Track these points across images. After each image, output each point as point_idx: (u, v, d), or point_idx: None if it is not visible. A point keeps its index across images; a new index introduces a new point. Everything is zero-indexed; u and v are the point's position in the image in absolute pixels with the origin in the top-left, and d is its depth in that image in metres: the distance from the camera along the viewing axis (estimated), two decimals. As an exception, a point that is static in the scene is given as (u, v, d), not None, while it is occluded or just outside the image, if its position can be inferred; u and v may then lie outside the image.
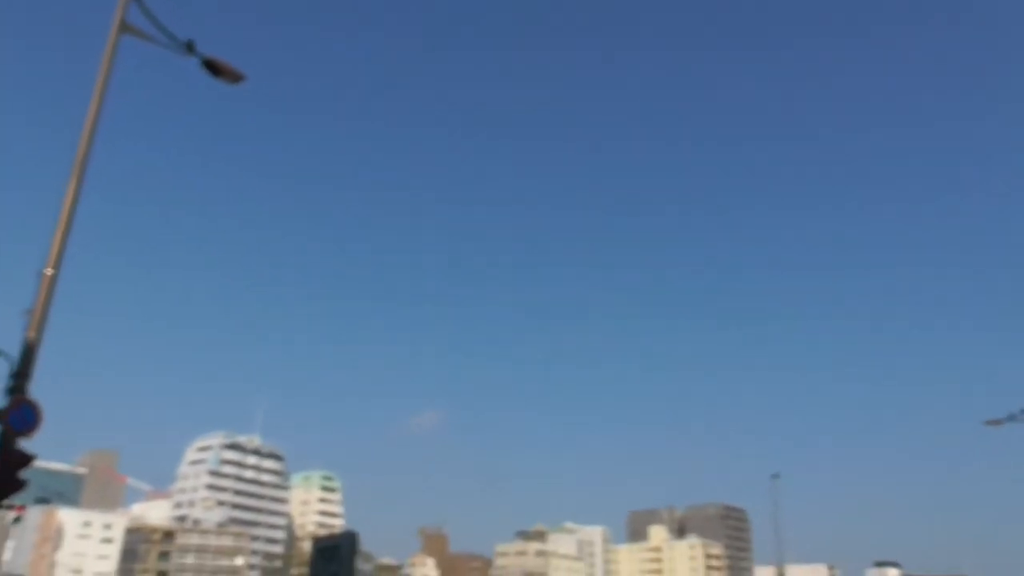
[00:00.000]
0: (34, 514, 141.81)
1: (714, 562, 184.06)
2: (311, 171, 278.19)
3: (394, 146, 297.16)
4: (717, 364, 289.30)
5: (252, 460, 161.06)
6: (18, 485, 11.46)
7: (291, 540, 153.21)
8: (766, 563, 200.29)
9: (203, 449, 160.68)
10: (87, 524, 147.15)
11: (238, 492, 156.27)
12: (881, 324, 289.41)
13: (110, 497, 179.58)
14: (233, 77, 16.39)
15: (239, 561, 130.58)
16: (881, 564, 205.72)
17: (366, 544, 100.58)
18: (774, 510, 57.01)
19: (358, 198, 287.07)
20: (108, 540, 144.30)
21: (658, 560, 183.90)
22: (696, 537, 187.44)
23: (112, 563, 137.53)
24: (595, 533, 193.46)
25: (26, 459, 11.72)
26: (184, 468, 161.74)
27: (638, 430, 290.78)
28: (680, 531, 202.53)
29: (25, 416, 12.29)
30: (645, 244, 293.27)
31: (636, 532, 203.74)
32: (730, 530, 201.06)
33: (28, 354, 12.89)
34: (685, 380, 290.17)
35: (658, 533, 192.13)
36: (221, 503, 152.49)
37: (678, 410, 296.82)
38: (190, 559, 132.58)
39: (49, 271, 13.23)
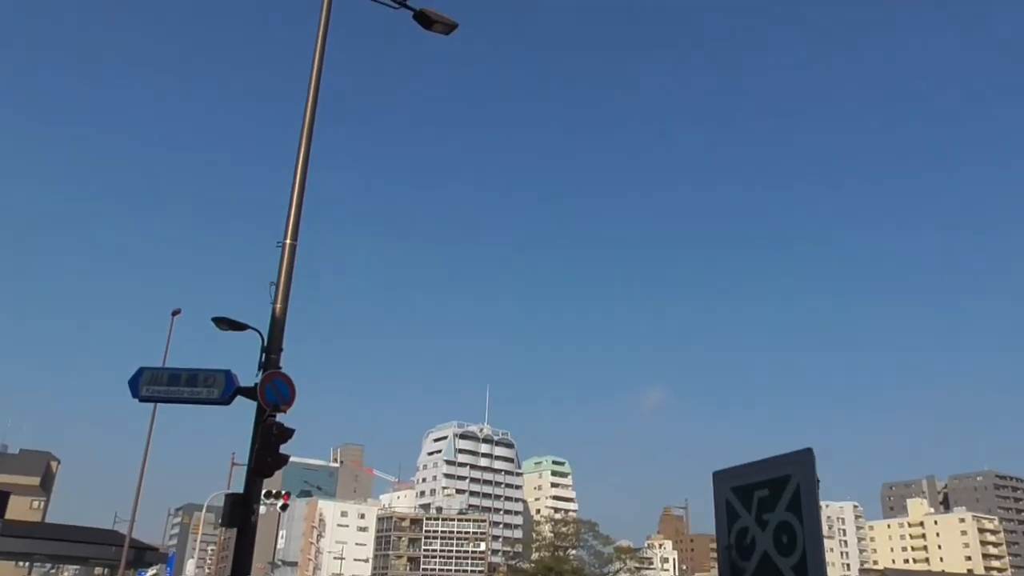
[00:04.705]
0: (299, 506, 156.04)
1: (990, 537, 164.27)
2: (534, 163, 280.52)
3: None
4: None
5: (484, 448, 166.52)
6: (282, 460, 10.37)
7: (528, 524, 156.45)
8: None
9: (439, 440, 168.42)
10: (344, 514, 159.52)
11: (474, 480, 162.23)
12: None
13: (361, 488, 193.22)
14: (446, 27, 15.16)
15: (482, 546, 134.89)
16: None
17: (603, 527, 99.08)
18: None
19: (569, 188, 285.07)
20: (363, 528, 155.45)
21: (921, 536, 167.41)
22: (964, 510, 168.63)
23: (369, 549, 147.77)
24: (846, 508, 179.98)
25: (286, 433, 10.66)
26: (423, 458, 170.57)
27: (886, 392, 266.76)
28: (943, 504, 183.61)
29: (281, 390, 11.40)
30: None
31: (892, 507, 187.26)
32: (1004, 501, 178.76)
33: (277, 327, 12.13)
34: (939, 329, 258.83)
35: (919, 507, 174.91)
36: (460, 491, 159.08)
37: (932, 369, 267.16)
38: (437, 545, 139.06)
39: (288, 241, 12.73)
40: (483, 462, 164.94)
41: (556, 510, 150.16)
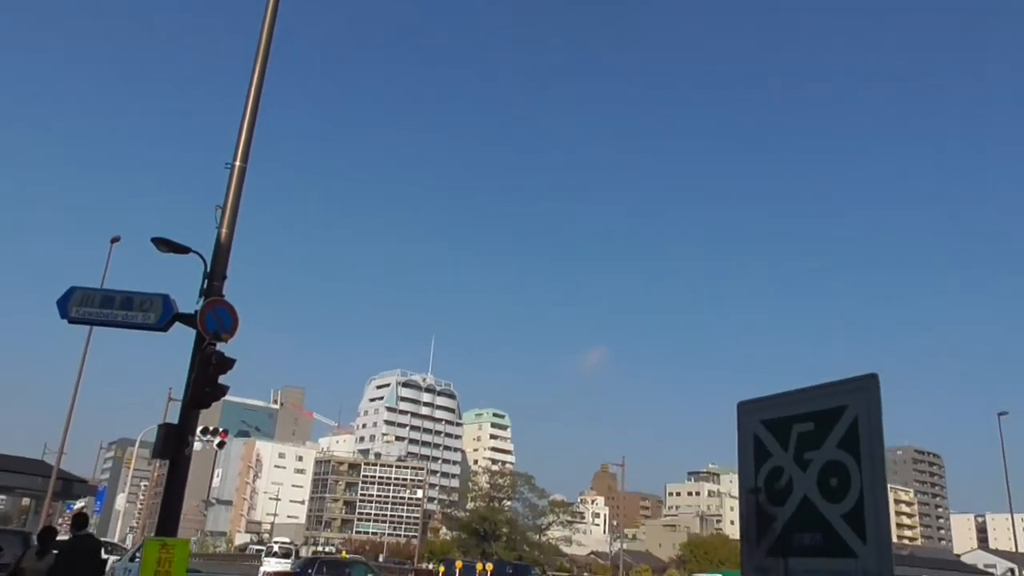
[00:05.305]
0: (236, 445, 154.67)
1: (904, 508, 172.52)
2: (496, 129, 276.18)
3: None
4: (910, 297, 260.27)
5: (426, 397, 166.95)
6: (220, 391, 9.79)
7: (465, 474, 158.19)
8: (964, 511, 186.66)
9: (381, 387, 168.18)
10: (282, 455, 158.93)
11: (414, 428, 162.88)
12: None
13: (300, 431, 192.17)
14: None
15: (419, 493, 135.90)
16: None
17: (538, 481, 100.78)
18: (1001, 452, 49.15)
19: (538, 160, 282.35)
20: (301, 471, 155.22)
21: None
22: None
23: (305, 491, 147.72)
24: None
25: (226, 363, 10.08)
26: (364, 404, 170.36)
27: (817, 364, 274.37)
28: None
29: (222, 319, 10.80)
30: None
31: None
32: (921, 475, 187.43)
33: (221, 252, 11.49)
34: (874, 307, 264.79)
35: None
36: (399, 438, 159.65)
37: (863, 345, 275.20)
38: (374, 490, 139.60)
39: (238, 163, 12.13)
40: (424, 411, 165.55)
41: (494, 461, 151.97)
